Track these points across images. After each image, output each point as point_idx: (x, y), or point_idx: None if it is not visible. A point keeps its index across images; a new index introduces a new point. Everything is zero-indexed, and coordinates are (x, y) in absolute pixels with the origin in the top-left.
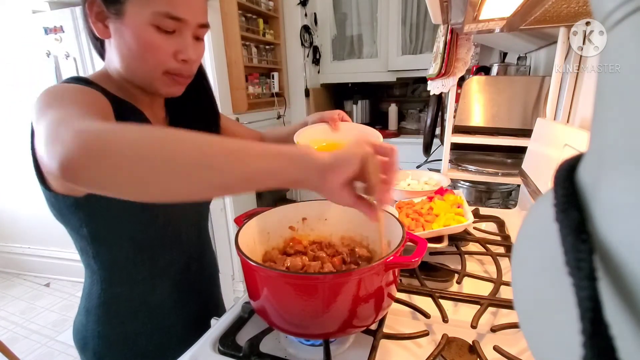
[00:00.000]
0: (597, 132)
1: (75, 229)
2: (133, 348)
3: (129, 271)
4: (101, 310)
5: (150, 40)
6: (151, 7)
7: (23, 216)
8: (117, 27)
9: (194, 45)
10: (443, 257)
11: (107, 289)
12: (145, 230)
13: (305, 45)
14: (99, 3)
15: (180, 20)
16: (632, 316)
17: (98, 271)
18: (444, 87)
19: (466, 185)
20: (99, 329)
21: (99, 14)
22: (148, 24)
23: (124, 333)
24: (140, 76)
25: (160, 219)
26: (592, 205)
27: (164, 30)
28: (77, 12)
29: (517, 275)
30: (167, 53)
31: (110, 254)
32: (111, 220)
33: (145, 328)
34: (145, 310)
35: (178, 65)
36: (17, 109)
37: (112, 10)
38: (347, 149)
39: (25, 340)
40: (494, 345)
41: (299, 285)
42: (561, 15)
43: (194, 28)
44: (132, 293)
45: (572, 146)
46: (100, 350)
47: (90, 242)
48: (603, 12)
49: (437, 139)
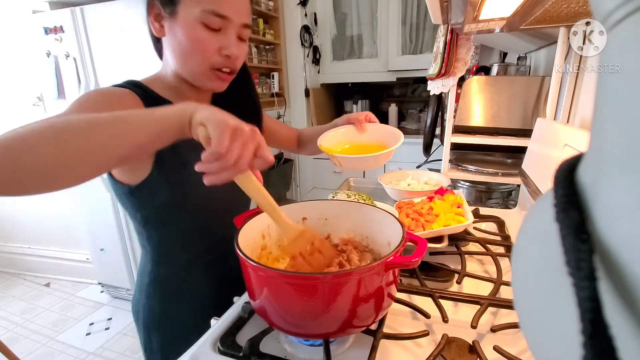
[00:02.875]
0: (597, 132)
1: (131, 213)
2: (173, 327)
3: (172, 255)
4: (150, 288)
5: (198, 36)
6: (200, 6)
7: (23, 216)
8: (170, 26)
9: (237, 43)
10: (443, 257)
11: (154, 270)
12: (186, 219)
13: (305, 45)
14: (157, 5)
15: (225, 17)
16: (632, 316)
17: (149, 252)
18: (444, 87)
19: (466, 185)
20: (149, 304)
21: (157, 16)
22: (197, 21)
23: (166, 311)
24: (189, 70)
25: (199, 209)
26: (592, 205)
27: (210, 27)
28: (77, 12)
29: (517, 275)
30: (212, 48)
31: (158, 238)
32: (158, 208)
33: (184, 310)
34: (184, 293)
35: (221, 60)
36: (17, 109)
37: (167, 11)
38: (200, 116)
39: (25, 340)
40: (494, 345)
41: (299, 285)
42: (561, 15)
43: (238, 27)
44: (174, 276)
45: (572, 146)
46: (148, 323)
47: (143, 226)
48: (603, 12)
49: (437, 139)
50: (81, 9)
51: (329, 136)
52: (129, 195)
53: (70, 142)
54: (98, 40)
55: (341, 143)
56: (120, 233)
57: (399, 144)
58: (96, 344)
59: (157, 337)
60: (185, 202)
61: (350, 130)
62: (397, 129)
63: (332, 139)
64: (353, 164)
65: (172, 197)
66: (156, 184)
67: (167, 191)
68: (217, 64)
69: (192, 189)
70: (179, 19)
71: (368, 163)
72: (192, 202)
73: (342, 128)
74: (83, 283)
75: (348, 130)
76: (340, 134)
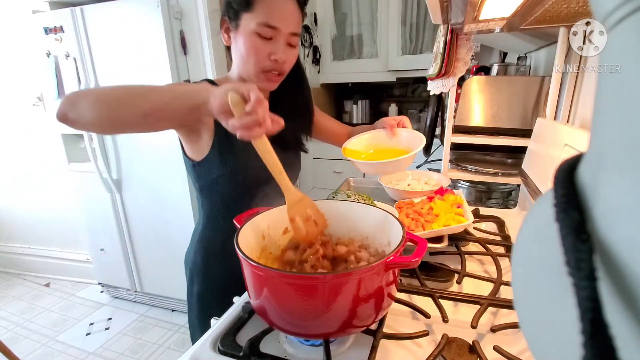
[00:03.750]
0: (597, 132)
1: (192, 183)
2: (210, 280)
3: (218, 221)
4: (198, 245)
5: (253, 44)
6: (255, 19)
7: (23, 216)
8: (234, 36)
9: (286, 50)
10: (443, 257)
11: (203, 231)
12: (232, 192)
13: (305, 45)
14: (227, 21)
15: (275, 28)
16: (632, 316)
17: (203, 216)
18: (444, 87)
19: (466, 185)
20: (194, 257)
21: (226, 29)
22: (253, 32)
23: (208, 266)
24: (246, 71)
25: (245, 186)
26: (592, 205)
27: (263, 37)
28: (77, 12)
29: (517, 275)
30: (264, 54)
31: (209, 205)
32: (210, 180)
33: (223, 269)
34: (224, 255)
35: (270, 64)
36: (17, 109)
37: (233, 25)
38: (224, 86)
39: (25, 340)
40: (494, 345)
41: (299, 285)
42: (561, 15)
43: (287, 36)
44: (218, 239)
45: (572, 146)
46: (193, 272)
47: (199, 194)
48: (603, 12)
49: (437, 139)
50: (81, 9)
51: (352, 142)
52: (192, 169)
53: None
54: (98, 40)
55: (366, 148)
56: (120, 233)
57: (418, 149)
58: (96, 344)
59: (197, 284)
60: (232, 177)
61: (377, 134)
62: (421, 134)
63: (357, 144)
64: (372, 169)
65: (222, 174)
66: (212, 162)
67: (218, 169)
68: (267, 67)
69: (238, 168)
70: (240, 31)
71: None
72: (237, 177)
73: (367, 133)
74: (83, 283)
75: (374, 135)
76: (365, 139)
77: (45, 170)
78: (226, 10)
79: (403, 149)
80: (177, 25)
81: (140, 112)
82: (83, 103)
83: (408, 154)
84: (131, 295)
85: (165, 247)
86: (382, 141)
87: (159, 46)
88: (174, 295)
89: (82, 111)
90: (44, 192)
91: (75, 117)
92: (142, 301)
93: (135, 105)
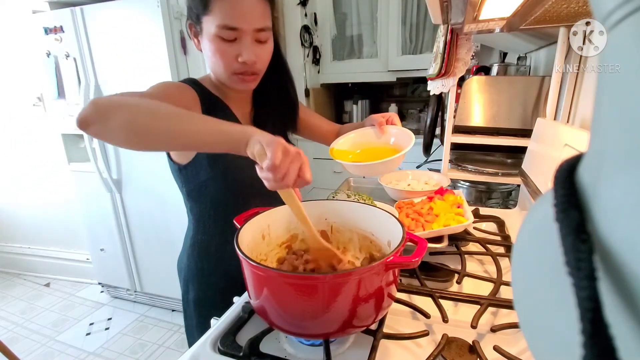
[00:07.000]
0: (597, 132)
1: (179, 188)
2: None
3: (209, 225)
4: (191, 249)
5: (218, 48)
6: (215, 22)
7: (23, 216)
8: (201, 41)
9: (254, 48)
10: (443, 257)
11: (195, 235)
12: (222, 194)
13: (305, 45)
14: (193, 24)
15: (236, 29)
16: (632, 316)
17: (192, 221)
18: (444, 87)
19: (466, 185)
20: (188, 262)
21: (195, 33)
22: (215, 35)
23: (203, 270)
24: (218, 76)
25: (235, 186)
26: (592, 205)
27: (226, 39)
28: (77, 12)
29: (517, 275)
30: (230, 57)
31: (198, 209)
32: (199, 183)
33: (216, 271)
34: (218, 258)
35: (239, 66)
36: (17, 109)
37: (198, 29)
38: (259, 135)
39: (25, 340)
40: (494, 345)
41: (299, 285)
42: (561, 15)
43: (252, 33)
44: (210, 243)
45: (572, 146)
46: (187, 278)
47: (187, 198)
48: (603, 12)
49: (437, 139)
50: (81, 9)
51: (340, 142)
52: (178, 173)
53: (172, 125)
54: (98, 40)
55: (354, 147)
56: (120, 233)
57: (408, 149)
58: (96, 344)
59: (192, 290)
60: (222, 179)
61: (364, 133)
62: (410, 131)
63: (345, 144)
64: (359, 171)
65: (211, 176)
66: (200, 164)
67: (206, 171)
68: (237, 70)
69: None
70: (204, 35)
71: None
72: (227, 179)
73: (354, 132)
74: (83, 283)
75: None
76: (352, 138)
77: (45, 170)
78: (188, 14)
79: (392, 147)
80: (177, 25)
81: (179, 144)
82: (114, 120)
83: (397, 153)
84: (131, 295)
85: (165, 247)
86: (371, 139)
87: (159, 46)
88: (174, 295)
89: (112, 129)
90: (44, 192)
91: (99, 132)
92: (142, 301)
93: (177, 138)
